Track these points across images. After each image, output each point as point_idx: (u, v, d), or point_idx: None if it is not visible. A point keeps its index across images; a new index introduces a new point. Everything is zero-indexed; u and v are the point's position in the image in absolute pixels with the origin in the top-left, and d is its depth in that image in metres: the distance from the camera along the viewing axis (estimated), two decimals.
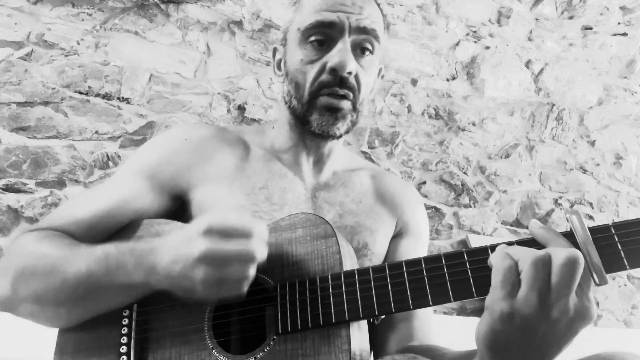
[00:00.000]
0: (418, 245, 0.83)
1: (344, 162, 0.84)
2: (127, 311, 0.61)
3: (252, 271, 0.52)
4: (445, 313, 1.90)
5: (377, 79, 0.80)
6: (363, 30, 0.69)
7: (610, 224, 0.48)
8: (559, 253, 0.43)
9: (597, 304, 2.06)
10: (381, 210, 0.80)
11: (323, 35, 0.69)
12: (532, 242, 0.49)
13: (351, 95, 0.70)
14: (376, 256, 0.77)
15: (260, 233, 0.54)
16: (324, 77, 0.69)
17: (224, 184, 0.72)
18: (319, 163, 0.79)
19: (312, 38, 0.70)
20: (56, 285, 0.57)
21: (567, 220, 0.48)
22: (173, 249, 0.53)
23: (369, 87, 0.74)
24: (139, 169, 0.72)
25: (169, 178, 0.72)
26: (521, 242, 0.50)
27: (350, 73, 0.68)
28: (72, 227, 0.66)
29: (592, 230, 0.47)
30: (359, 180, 0.82)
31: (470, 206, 1.98)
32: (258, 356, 0.55)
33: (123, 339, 0.60)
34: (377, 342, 0.77)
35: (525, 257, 0.44)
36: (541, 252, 0.44)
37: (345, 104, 0.70)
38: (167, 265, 0.53)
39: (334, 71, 0.68)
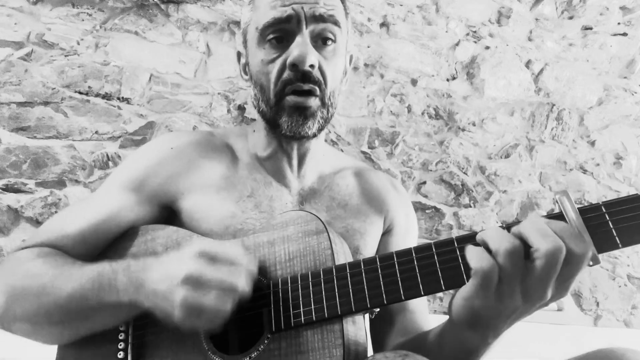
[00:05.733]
0: (407, 240, 0.83)
1: (329, 162, 0.82)
2: None
3: (229, 305, 0.51)
4: (445, 313, 1.90)
5: (348, 66, 0.77)
6: (320, 18, 0.66)
7: (600, 203, 0.46)
8: (544, 244, 0.44)
9: (597, 303, 2.06)
10: (368, 210, 0.79)
11: (281, 31, 0.67)
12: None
13: (317, 90, 0.67)
14: None
15: (249, 267, 0.53)
16: (286, 74, 0.66)
17: (212, 192, 0.71)
18: (301, 166, 0.77)
19: (270, 36, 0.67)
20: (48, 306, 0.57)
21: (557, 202, 0.47)
22: (162, 268, 0.53)
23: (336, 78, 0.71)
24: (126, 181, 0.71)
25: (156, 189, 0.71)
26: (511, 225, 0.48)
27: (312, 66, 0.66)
28: (63, 241, 0.66)
29: (583, 210, 0.46)
30: (344, 181, 0.80)
31: (470, 206, 1.98)
32: (253, 355, 0.55)
33: (120, 345, 0.61)
34: (375, 338, 0.77)
35: (501, 247, 0.45)
36: (514, 242, 0.44)
37: (313, 102, 0.67)
38: (154, 282, 0.52)
39: (294, 66, 0.65)
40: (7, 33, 1.54)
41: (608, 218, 0.46)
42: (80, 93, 1.59)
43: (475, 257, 0.45)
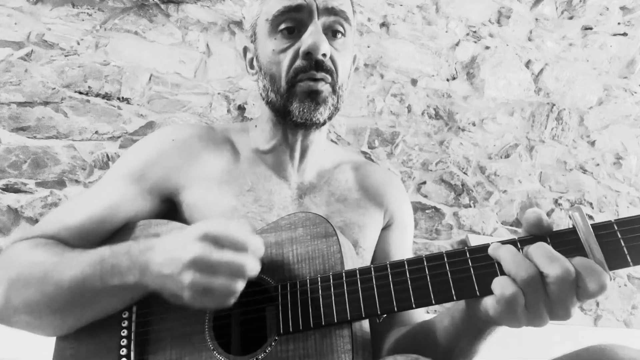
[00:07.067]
0: (405, 235, 0.83)
1: (329, 157, 0.82)
2: (127, 313, 0.61)
3: (240, 286, 0.51)
4: None
5: (352, 65, 0.78)
6: (332, 11, 0.68)
7: (612, 220, 0.47)
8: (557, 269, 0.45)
9: (597, 303, 2.06)
10: (367, 204, 0.79)
11: (292, 21, 0.68)
12: (534, 240, 0.48)
13: (329, 78, 0.68)
14: (367, 252, 0.76)
15: (256, 248, 0.53)
16: (299, 62, 0.67)
17: (212, 186, 0.71)
18: (302, 160, 0.77)
19: (282, 26, 0.68)
20: (50, 293, 0.56)
21: (570, 217, 0.48)
22: (167, 250, 0.53)
23: (345, 72, 0.72)
24: (127, 172, 0.71)
25: (157, 180, 0.71)
26: (523, 240, 0.49)
27: (325, 55, 0.66)
28: (63, 233, 0.65)
29: (595, 226, 0.47)
30: (343, 176, 0.81)
31: (470, 206, 1.98)
32: (260, 357, 0.55)
33: (123, 341, 0.60)
34: (373, 331, 0.77)
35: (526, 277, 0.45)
36: (530, 271, 0.45)
37: (325, 87, 0.68)
38: (159, 265, 0.52)
39: (308, 55, 0.66)
40: (7, 33, 1.54)
41: (620, 236, 0.46)
42: (80, 93, 1.59)
43: (498, 284, 0.46)
